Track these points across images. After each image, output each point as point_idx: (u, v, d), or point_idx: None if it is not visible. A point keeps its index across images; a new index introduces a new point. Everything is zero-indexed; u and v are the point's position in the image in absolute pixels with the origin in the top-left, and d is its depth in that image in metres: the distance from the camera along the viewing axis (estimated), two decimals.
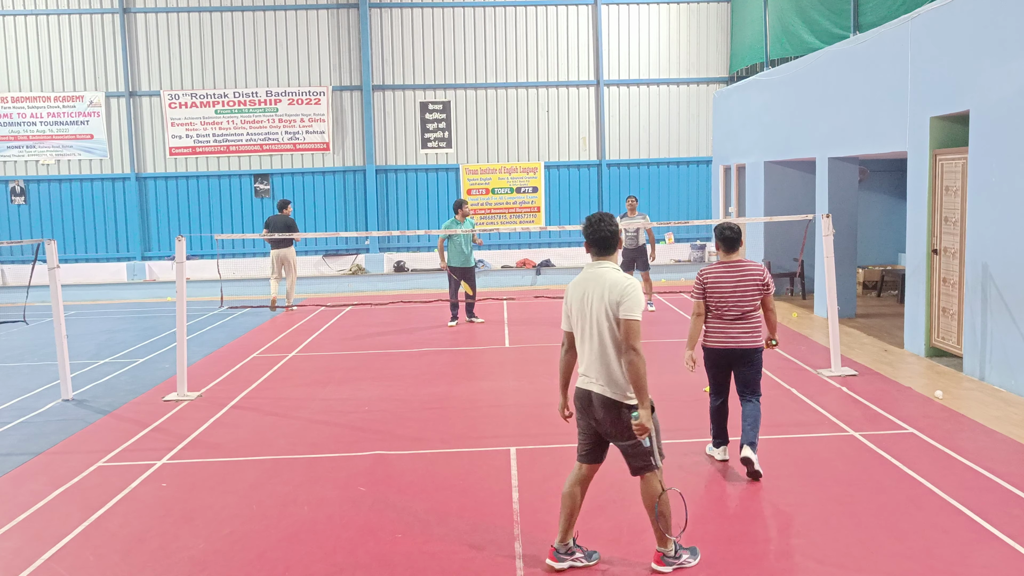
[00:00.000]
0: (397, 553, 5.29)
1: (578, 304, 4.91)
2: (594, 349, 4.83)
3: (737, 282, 6.37)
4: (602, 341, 4.80)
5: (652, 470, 4.91)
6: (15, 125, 19.92)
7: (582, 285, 4.91)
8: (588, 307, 4.84)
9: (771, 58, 16.89)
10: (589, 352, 4.86)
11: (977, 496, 5.88)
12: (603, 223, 4.88)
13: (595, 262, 4.95)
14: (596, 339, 4.82)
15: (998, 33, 8.77)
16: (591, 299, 4.83)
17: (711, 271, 6.48)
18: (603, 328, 4.78)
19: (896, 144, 10.99)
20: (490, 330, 13.09)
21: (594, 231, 4.89)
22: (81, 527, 5.80)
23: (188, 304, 10.36)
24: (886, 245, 16.86)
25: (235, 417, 8.54)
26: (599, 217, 4.92)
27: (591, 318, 4.83)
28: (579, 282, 4.94)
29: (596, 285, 4.82)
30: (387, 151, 20.47)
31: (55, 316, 9.34)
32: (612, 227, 4.89)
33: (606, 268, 4.87)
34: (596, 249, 4.93)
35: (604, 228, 4.88)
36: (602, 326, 4.78)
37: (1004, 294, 8.70)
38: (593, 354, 4.84)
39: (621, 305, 4.71)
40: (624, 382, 4.77)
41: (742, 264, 6.44)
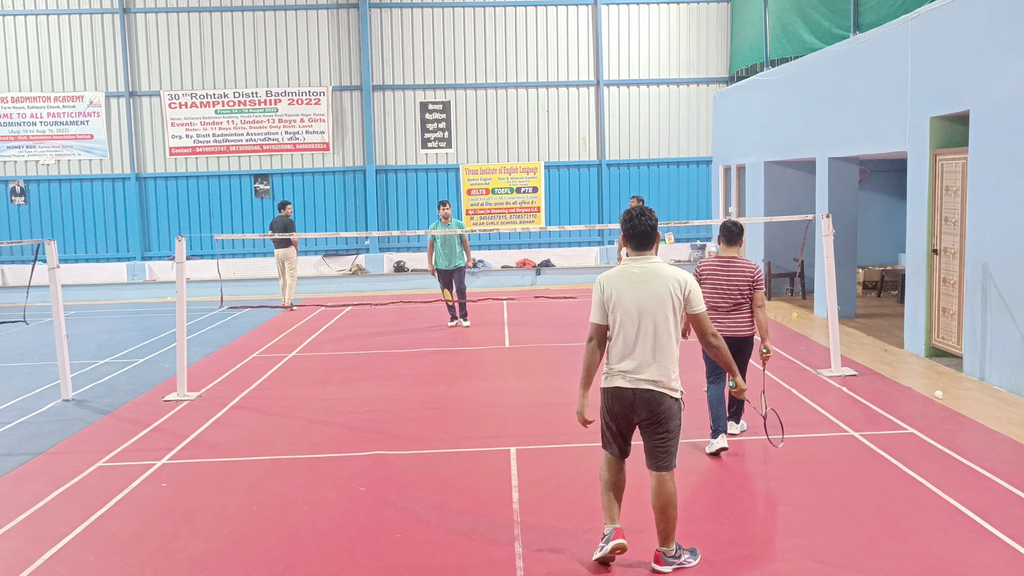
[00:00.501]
0: (397, 553, 5.28)
1: (629, 299, 4.81)
2: (648, 344, 4.78)
3: (729, 276, 6.87)
4: (658, 336, 4.79)
5: (672, 469, 4.91)
6: (15, 125, 19.92)
7: (631, 279, 4.83)
8: (644, 302, 4.79)
9: (771, 58, 16.89)
10: (642, 348, 4.79)
11: (977, 496, 5.88)
12: (644, 216, 4.87)
13: (639, 256, 4.90)
14: (651, 334, 4.78)
15: (998, 33, 8.77)
16: (649, 294, 4.79)
17: (707, 264, 6.98)
18: (661, 322, 4.78)
19: (896, 144, 10.99)
20: (490, 330, 13.09)
21: (635, 225, 4.87)
22: (81, 527, 5.80)
23: (188, 304, 10.36)
24: (886, 245, 16.86)
25: (235, 417, 8.54)
26: (640, 210, 4.91)
27: (649, 313, 4.79)
28: (626, 276, 4.85)
29: (654, 279, 4.80)
30: (387, 151, 20.48)
31: (55, 316, 9.34)
32: (653, 221, 4.89)
33: (657, 263, 4.88)
34: (636, 242, 4.90)
35: (645, 222, 4.86)
36: (661, 321, 4.78)
37: (1004, 294, 8.70)
38: (647, 350, 4.78)
39: (691, 302, 4.84)
40: (672, 375, 4.81)
41: (736, 260, 6.90)
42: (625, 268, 4.90)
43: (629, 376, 4.82)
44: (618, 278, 4.87)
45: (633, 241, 4.91)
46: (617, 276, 4.89)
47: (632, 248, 4.94)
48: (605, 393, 4.95)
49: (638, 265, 4.87)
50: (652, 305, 4.78)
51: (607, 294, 4.87)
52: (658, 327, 4.78)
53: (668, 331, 4.79)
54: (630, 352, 4.81)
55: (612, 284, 4.87)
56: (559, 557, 5.16)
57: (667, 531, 4.91)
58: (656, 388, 4.79)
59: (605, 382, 4.94)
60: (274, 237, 14.16)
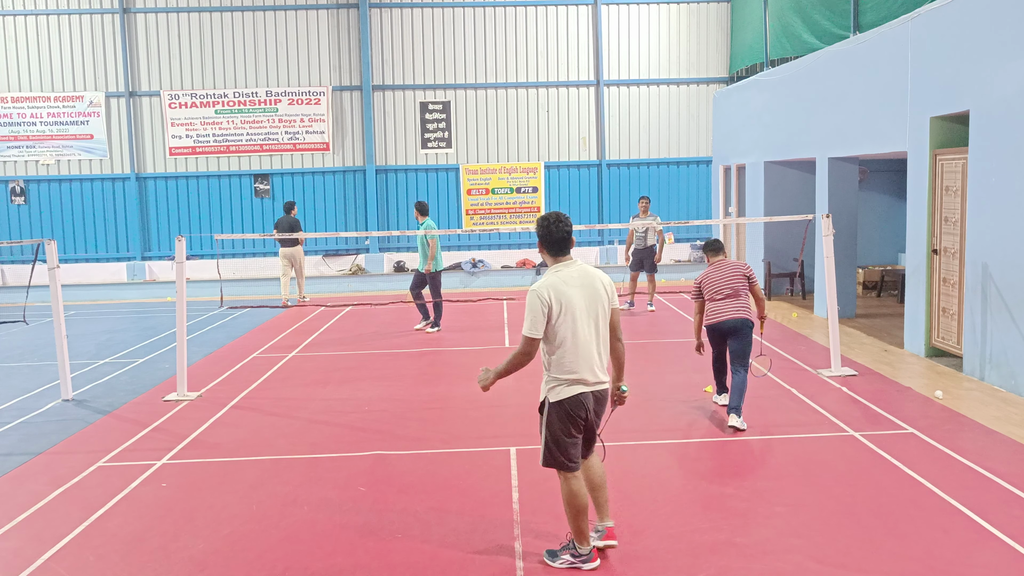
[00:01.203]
0: (397, 553, 5.29)
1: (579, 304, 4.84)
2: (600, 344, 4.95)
3: (724, 273, 8.00)
4: (604, 333, 4.97)
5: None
6: (15, 125, 19.92)
7: (576, 284, 4.86)
8: (592, 304, 4.88)
9: (771, 58, 16.89)
10: (596, 350, 4.91)
11: (977, 496, 5.88)
12: (561, 222, 4.91)
13: (566, 260, 4.96)
14: (600, 334, 4.95)
15: (998, 33, 8.77)
16: (594, 295, 4.89)
17: (704, 274, 8.16)
18: (603, 320, 4.95)
19: (896, 144, 10.99)
20: (490, 330, 13.09)
21: (552, 231, 4.90)
22: (81, 527, 5.80)
23: (188, 304, 10.36)
24: (886, 245, 16.86)
25: (235, 417, 8.54)
26: (556, 216, 4.93)
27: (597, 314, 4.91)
28: (569, 282, 4.86)
29: (593, 280, 4.91)
30: (387, 151, 20.47)
31: (55, 316, 9.34)
32: (569, 227, 4.95)
33: (585, 264, 5.00)
34: (558, 248, 4.93)
35: (563, 228, 4.91)
36: (603, 318, 4.95)
37: (1004, 294, 8.70)
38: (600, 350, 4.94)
39: (613, 298, 5.02)
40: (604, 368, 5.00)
41: (725, 261, 8.17)
42: (563, 275, 4.87)
43: (587, 381, 4.89)
44: (563, 285, 4.83)
45: (554, 247, 4.94)
46: (561, 284, 4.83)
47: (553, 254, 4.96)
48: (562, 406, 4.88)
49: (573, 269, 4.91)
50: (597, 305, 4.91)
51: (555, 305, 4.79)
52: (602, 325, 4.95)
53: (606, 327, 4.97)
54: (588, 356, 4.87)
55: (558, 293, 4.80)
56: None
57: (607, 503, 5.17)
58: (608, 384, 5.04)
59: (563, 394, 4.88)
60: (280, 237, 14.18)
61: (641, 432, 7.61)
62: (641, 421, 7.99)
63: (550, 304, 4.79)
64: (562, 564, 5.01)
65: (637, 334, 12.52)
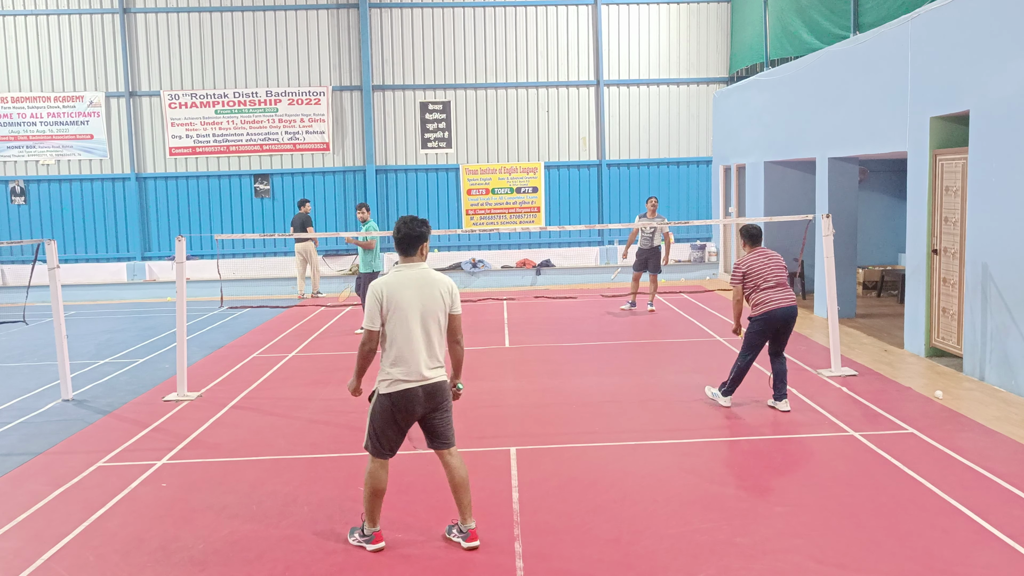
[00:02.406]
0: (397, 553, 5.29)
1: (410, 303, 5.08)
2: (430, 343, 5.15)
3: (768, 261, 8.09)
4: (436, 334, 5.19)
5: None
6: (15, 125, 19.91)
7: (411, 285, 5.11)
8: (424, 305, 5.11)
9: (771, 58, 16.89)
10: (424, 348, 5.12)
11: (977, 496, 5.88)
12: (414, 223, 5.17)
13: (410, 262, 5.19)
14: (431, 334, 5.16)
15: (998, 33, 8.77)
16: (428, 298, 5.12)
17: (748, 260, 8.12)
18: (432, 325, 5.14)
19: (896, 144, 10.99)
20: (490, 330, 13.09)
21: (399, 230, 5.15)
22: (81, 527, 5.80)
23: (188, 304, 10.36)
24: (886, 245, 16.86)
25: (235, 417, 8.54)
26: (410, 218, 5.19)
27: (430, 315, 5.14)
28: (404, 282, 5.11)
29: (431, 285, 5.15)
30: (387, 151, 20.47)
31: (55, 316, 9.34)
32: (420, 228, 5.17)
33: (428, 268, 5.22)
34: (404, 248, 5.18)
35: (415, 228, 5.16)
36: (433, 323, 5.15)
37: (1004, 294, 8.70)
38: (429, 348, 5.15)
39: (455, 304, 5.23)
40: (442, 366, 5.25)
41: (766, 251, 8.22)
42: (403, 275, 5.13)
43: (415, 376, 5.11)
44: (398, 285, 5.09)
45: (400, 247, 5.19)
46: (396, 283, 5.09)
47: (400, 254, 5.21)
48: (389, 399, 5.16)
49: (415, 271, 5.15)
50: (433, 308, 5.13)
51: (386, 302, 5.07)
52: (433, 327, 5.15)
53: (441, 331, 5.21)
54: (416, 355, 5.09)
55: (392, 291, 5.08)
56: (559, 557, 5.17)
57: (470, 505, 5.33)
58: (441, 378, 5.21)
59: (388, 387, 5.15)
60: (290, 236, 14.40)
61: (641, 432, 7.62)
62: (641, 421, 7.99)
63: (382, 300, 5.07)
64: (354, 541, 5.40)
65: (637, 334, 12.52)
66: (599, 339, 12.17)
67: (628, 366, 10.46)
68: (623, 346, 11.72)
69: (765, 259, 8.07)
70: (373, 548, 5.29)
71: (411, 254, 5.20)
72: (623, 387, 9.31)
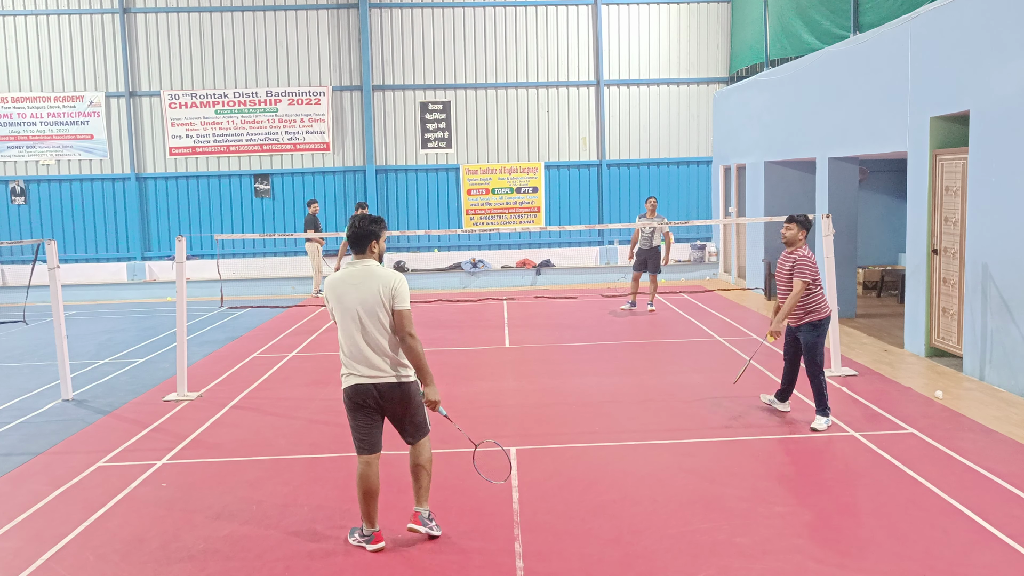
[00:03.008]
0: (397, 553, 5.29)
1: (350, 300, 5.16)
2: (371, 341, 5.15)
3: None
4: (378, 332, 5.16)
5: (427, 434, 5.46)
6: (15, 125, 19.91)
7: (351, 281, 5.19)
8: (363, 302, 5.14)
9: (771, 58, 16.88)
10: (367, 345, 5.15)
11: (977, 496, 5.88)
12: (364, 221, 5.29)
13: (358, 259, 5.29)
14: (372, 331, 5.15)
15: (998, 33, 8.77)
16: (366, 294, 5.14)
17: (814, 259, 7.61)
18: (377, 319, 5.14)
19: (896, 144, 10.99)
20: (490, 330, 13.09)
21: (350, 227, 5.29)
22: (81, 527, 5.80)
23: (188, 304, 10.36)
24: (886, 245, 16.86)
25: (235, 417, 8.54)
26: (361, 216, 5.35)
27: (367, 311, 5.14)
28: (346, 279, 5.21)
29: (369, 280, 5.17)
30: (387, 151, 20.47)
31: (55, 316, 9.34)
32: (369, 227, 5.27)
33: (373, 265, 5.26)
34: (353, 246, 5.30)
35: (363, 226, 5.27)
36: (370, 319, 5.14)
37: (1004, 294, 8.70)
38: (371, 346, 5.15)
39: (395, 299, 5.16)
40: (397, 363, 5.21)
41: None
42: (346, 272, 5.26)
43: (363, 372, 5.18)
44: (340, 282, 5.22)
45: (351, 244, 5.31)
46: (339, 281, 5.24)
47: (350, 251, 5.35)
48: (346, 393, 5.27)
49: (356, 268, 5.25)
50: (371, 305, 5.14)
51: (331, 298, 5.23)
52: (372, 323, 5.14)
53: (383, 327, 5.16)
54: (357, 350, 5.16)
55: (334, 288, 5.23)
56: (559, 557, 5.17)
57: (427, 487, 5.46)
58: (394, 378, 5.19)
59: (344, 382, 5.26)
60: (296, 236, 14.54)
61: (641, 432, 7.62)
62: (641, 421, 7.99)
63: (328, 296, 5.27)
64: (354, 542, 5.42)
65: (637, 334, 12.52)
66: (599, 339, 12.17)
67: (628, 366, 10.46)
68: (623, 346, 11.72)
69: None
70: (373, 548, 5.31)
71: (358, 252, 5.30)
72: (623, 387, 9.31)
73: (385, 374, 5.18)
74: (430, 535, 5.42)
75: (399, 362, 5.22)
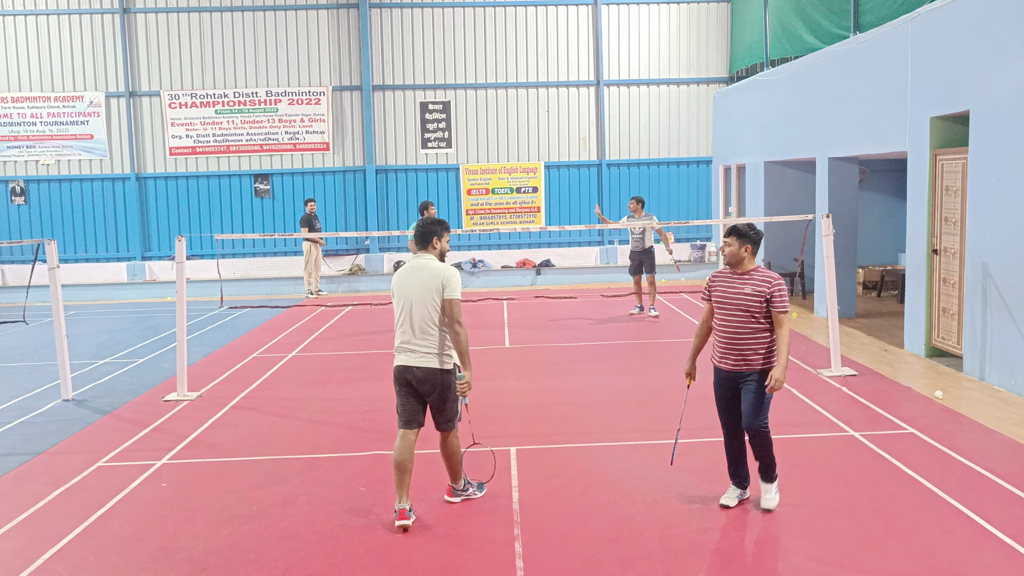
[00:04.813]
0: (397, 553, 5.29)
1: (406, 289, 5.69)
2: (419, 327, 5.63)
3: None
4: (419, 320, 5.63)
5: (455, 427, 5.85)
6: (15, 125, 19.91)
7: (408, 275, 5.74)
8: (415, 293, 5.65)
9: (771, 58, 16.89)
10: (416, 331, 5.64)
11: (977, 496, 5.88)
12: (431, 223, 5.87)
13: (420, 254, 5.84)
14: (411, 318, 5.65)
15: (998, 33, 8.77)
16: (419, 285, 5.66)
17: None
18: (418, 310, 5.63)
19: (896, 144, 10.99)
20: (490, 330, 13.09)
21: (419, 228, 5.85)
22: (81, 527, 5.80)
23: (188, 304, 10.36)
24: (886, 245, 16.86)
25: (235, 417, 8.54)
26: (430, 219, 5.91)
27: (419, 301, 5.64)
28: (407, 270, 5.77)
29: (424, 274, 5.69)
30: (387, 151, 20.47)
31: (55, 316, 9.34)
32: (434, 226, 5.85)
33: (431, 259, 5.79)
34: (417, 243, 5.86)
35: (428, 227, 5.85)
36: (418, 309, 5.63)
37: (1004, 294, 8.70)
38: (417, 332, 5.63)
39: (445, 289, 5.64)
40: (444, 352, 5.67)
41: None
42: (409, 264, 5.82)
43: (407, 355, 5.66)
44: (403, 274, 5.79)
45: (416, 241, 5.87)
46: (403, 272, 5.81)
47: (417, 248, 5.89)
48: (394, 371, 5.77)
49: (419, 261, 5.79)
50: (425, 294, 5.64)
51: (394, 287, 5.81)
52: (420, 312, 5.63)
53: (435, 317, 5.63)
54: (407, 335, 5.66)
55: (399, 278, 5.80)
56: (559, 557, 5.17)
57: (456, 470, 5.95)
58: (431, 364, 5.63)
59: (394, 361, 5.79)
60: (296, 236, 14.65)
61: (641, 432, 7.62)
62: (641, 421, 7.99)
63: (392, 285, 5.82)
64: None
65: (637, 334, 12.52)
66: (599, 339, 12.17)
67: (628, 366, 10.46)
68: (623, 346, 11.72)
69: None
70: (397, 524, 5.61)
71: (423, 247, 5.83)
72: (623, 387, 9.31)
73: (427, 359, 5.63)
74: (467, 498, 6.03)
75: (442, 349, 5.65)
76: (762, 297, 5.59)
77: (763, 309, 5.60)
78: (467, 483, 6.10)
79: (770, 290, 5.58)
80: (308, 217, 17.70)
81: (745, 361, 5.66)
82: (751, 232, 5.74)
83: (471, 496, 6.08)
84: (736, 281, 5.73)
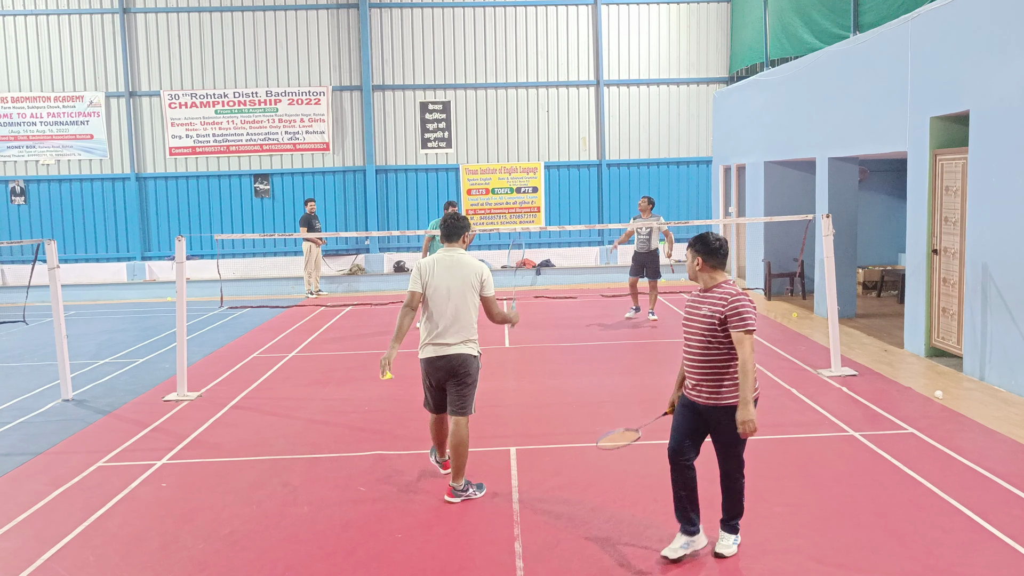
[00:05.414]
0: (397, 553, 5.29)
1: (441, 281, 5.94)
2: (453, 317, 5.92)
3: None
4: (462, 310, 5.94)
5: (469, 414, 6.07)
6: (15, 125, 19.92)
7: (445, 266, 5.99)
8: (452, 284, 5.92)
9: (771, 58, 16.89)
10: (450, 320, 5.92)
11: (977, 496, 5.88)
12: (457, 219, 6.16)
13: (450, 248, 6.10)
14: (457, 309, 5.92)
15: (998, 33, 8.77)
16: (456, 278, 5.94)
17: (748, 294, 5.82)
18: (464, 301, 5.94)
19: (896, 144, 10.99)
20: (490, 330, 13.08)
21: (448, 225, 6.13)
22: (81, 527, 5.80)
23: (188, 304, 10.35)
24: (886, 245, 16.86)
25: (235, 417, 8.54)
26: (455, 215, 6.22)
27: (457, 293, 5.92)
28: (442, 263, 6.01)
29: (461, 267, 5.98)
30: (387, 151, 20.47)
31: (55, 316, 9.34)
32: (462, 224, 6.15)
33: (463, 254, 6.09)
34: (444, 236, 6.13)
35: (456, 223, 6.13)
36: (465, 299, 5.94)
37: (1004, 294, 8.70)
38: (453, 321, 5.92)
39: (484, 287, 6.01)
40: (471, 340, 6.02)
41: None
42: (441, 257, 6.05)
43: (442, 345, 5.93)
44: (436, 264, 6.02)
45: (444, 236, 6.14)
46: (434, 263, 6.03)
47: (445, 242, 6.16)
48: (421, 364, 6.09)
49: (452, 256, 6.04)
50: (462, 288, 5.94)
51: (424, 276, 6.01)
52: (462, 304, 5.94)
53: (468, 308, 5.97)
54: (441, 327, 5.92)
55: (430, 269, 6.02)
56: (559, 557, 5.17)
57: (459, 468, 6.03)
58: (461, 351, 5.95)
59: (421, 354, 6.07)
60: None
61: (641, 432, 7.60)
62: (641, 421, 7.98)
63: (420, 273, 6.03)
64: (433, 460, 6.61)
65: (637, 334, 12.52)
66: (599, 339, 12.17)
67: (628, 366, 10.46)
68: (623, 346, 11.72)
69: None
70: (445, 472, 6.40)
71: (452, 241, 6.12)
72: (623, 387, 9.31)
73: (462, 347, 5.96)
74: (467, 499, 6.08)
75: (469, 338, 5.99)
76: (715, 319, 4.77)
77: (720, 334, 4.78)
78: (467, 483, 6.12)
79: (724, 310, 4.74)
80: (308, 217, 17.70)
81: (712, 395, 4.90)
82: (706, 243, 4.90)
83: (471, 496, 6.08)
84: (698, 301, 4.95)
